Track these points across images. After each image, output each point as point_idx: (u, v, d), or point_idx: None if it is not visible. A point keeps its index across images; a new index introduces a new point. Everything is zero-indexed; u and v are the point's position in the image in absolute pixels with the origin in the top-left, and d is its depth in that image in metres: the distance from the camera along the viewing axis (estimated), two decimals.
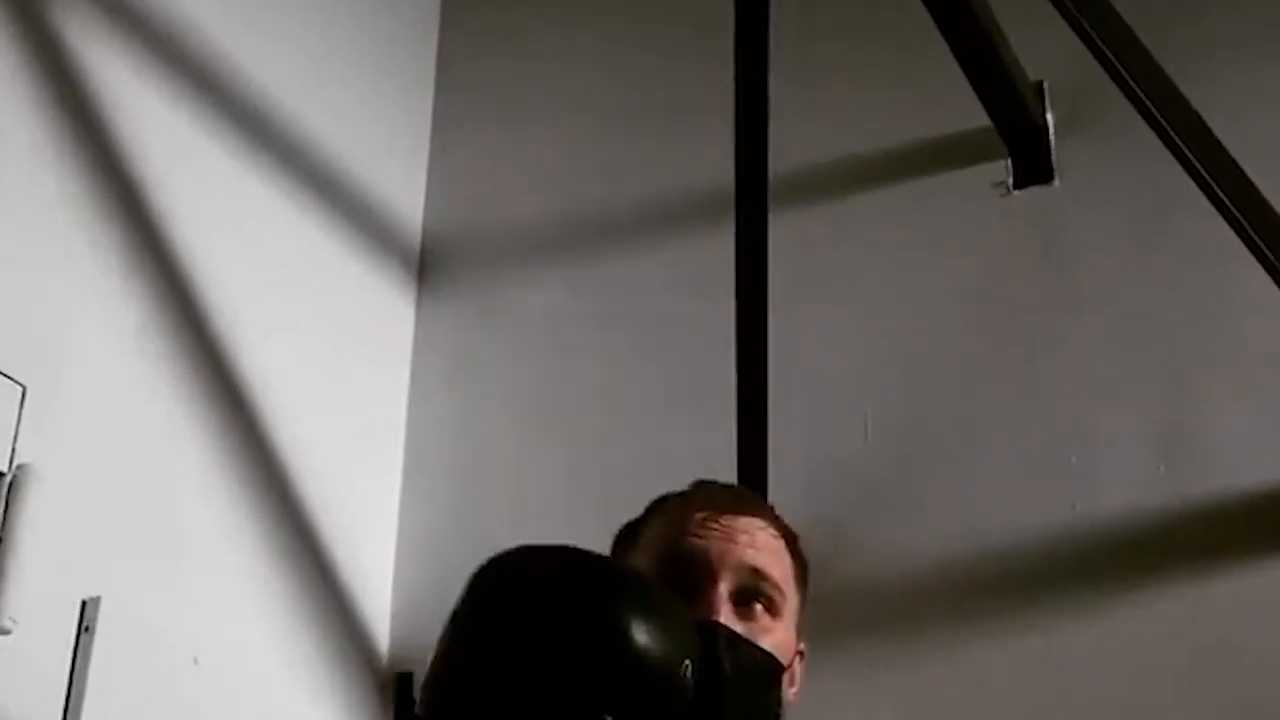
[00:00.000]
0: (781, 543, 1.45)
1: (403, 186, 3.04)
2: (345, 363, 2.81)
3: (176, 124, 2.58)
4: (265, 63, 2.79)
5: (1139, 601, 2.24)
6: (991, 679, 2.30)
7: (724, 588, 1.36)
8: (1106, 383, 2.39)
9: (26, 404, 2.15)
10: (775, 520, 1.48)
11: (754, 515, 1.44)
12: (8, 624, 2.02)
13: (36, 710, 2.09)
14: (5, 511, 2.07)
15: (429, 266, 3.02)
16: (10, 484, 2.08)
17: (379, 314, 2.92)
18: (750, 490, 1.99)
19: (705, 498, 1.46)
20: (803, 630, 1.46)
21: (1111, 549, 2.28)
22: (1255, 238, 2.07)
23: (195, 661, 2.32)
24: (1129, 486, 2.30)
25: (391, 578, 2.77)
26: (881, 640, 2.40)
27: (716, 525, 1.40)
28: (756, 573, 1.38)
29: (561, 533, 2.72)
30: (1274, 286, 2.14)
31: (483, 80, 3.16)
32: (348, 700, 2.57)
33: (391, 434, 2.87)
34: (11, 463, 2.10)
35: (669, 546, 1.40)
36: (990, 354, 2.49)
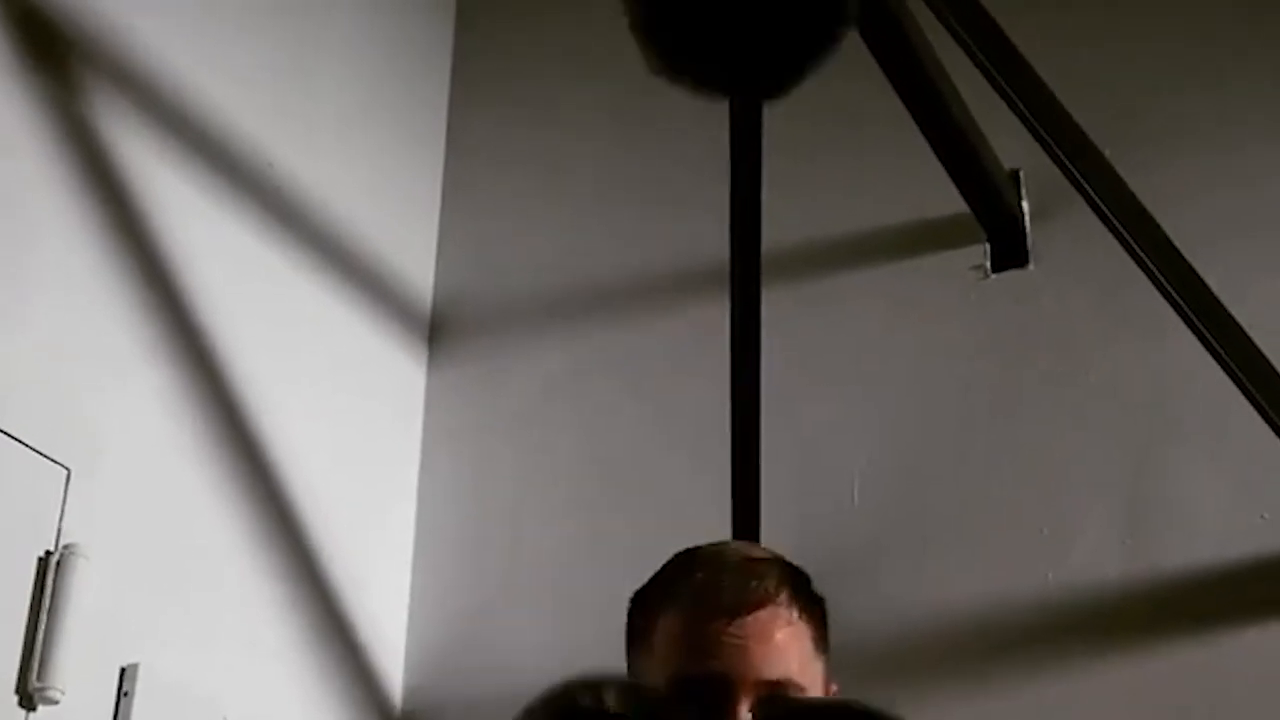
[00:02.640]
0: (797, 618, 1.44)
1: (414, 255, 3.20)
2: (360, 425, 2.96)
3: (199, 201, 2.71)
4: (282, 138, 2.93)
5: (1108, 668, 2.40)
6: None
7: (744, 710, 1.36)
8: (1077, 457, 2.55)
9: (71, 485, 2.31)
10: (788, 585, 1.46)
11: (765, 603, 1.42)
12: (56, 694, 2.18)
13: None
14: (54, 589, 2.23)
15: (439, 332, 3.18)
16: (58, 563, 2.25)
17: (391, 378, 3.07)
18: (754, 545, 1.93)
19: (714, 596, 1.42)
20: (830, 673, 1.50)
21: (1082, 617, 2.45)
22: (1198, 323, 2.24)
23: (225, 719, 2.47)
24: (1097, 557, 2.46)
25: (405, 630, 2.92)
26: (862, 695, 2.56)
27: (730, 637, 1.39)
28: (775, 685, 1.38)
29: (566, 588, 2.89)
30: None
31: (492, 150, 3.31)
32: None
33: (404, 492, 3.02)
34: (58, 543, 2.26)
35: (684, 668, 1.40)
36: (968, 425, 2.65)
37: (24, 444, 2.25)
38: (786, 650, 1.42)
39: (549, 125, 3.26)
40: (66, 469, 2.30)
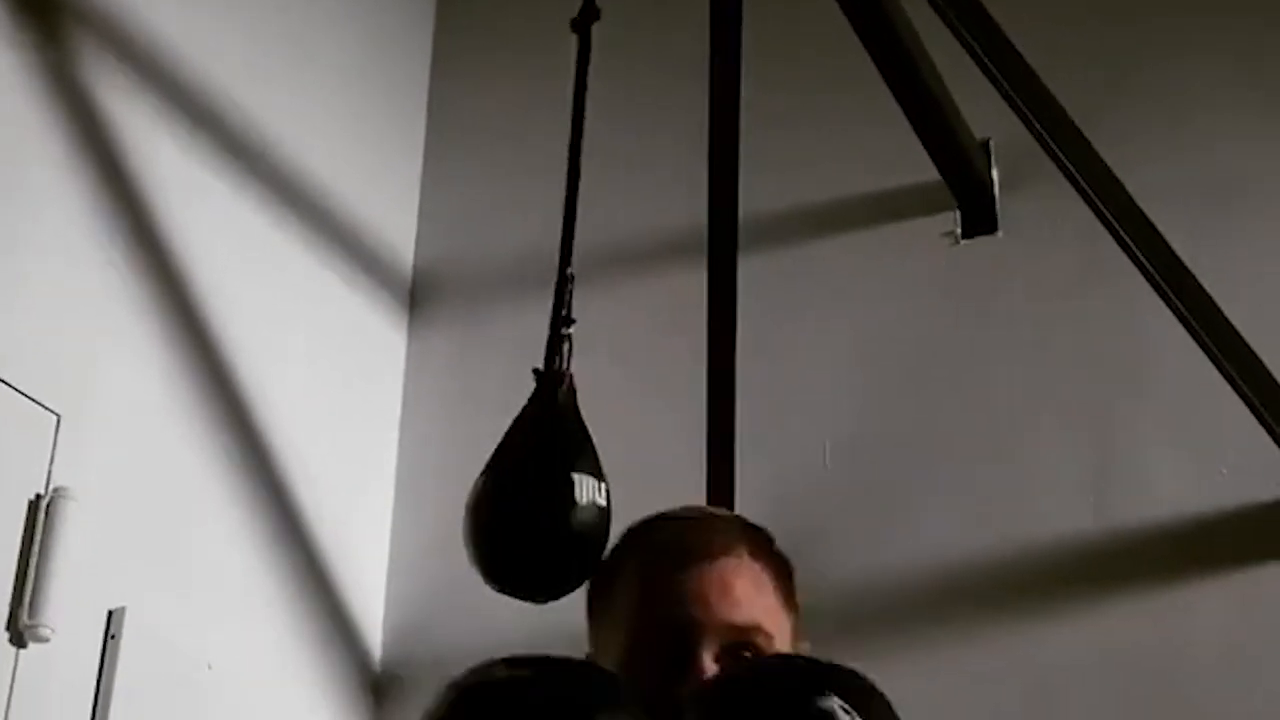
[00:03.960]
0: (760, 570, 1.39)
1: (395, 222, 3.25)
2: (342, 387, 3.01)
3: (189, 165, 2.77)
4: (268, 105, 2.98)
5: (1074, 621, 2.47)
6: (937, 690, 2.52)
7: (707, 657, 1.31)
8: (1043, 417, 2.62)
9: (61, 431, 2.35)
10: (748, 540, 1.41)
11: (726, 554, 1.37)
12: (46, 632, 2.23)
13: (68, 710, 2.30)
14: (44, 531, 2.27)
15: (420, 298, 3.23)
16: (48, 506, 2.29)
17: (372, 343, 3.12)
18: (715, 507, 1.84)
19: (674, 549, 1.38)
20: (800, 630, 1.46)
21: (1048, 572, 2.52)
22: (1165, 286, 2.31)
23: (209, 667, 2.52)
24: (1063, 514, 2.54)
25: (385, 589, 2.97)
26: (836, 653, 2.62)
27: (689, 587, 1.34)
28: (738, 630, 1.33)
29: None
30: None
31: (472, 117, 3.37)
32: (343, 701, 2.79)
33: (385, 454, 3.07)
34: (48, 486, 2.31)
35: (644, 620, 1.35)
36: (938, 388, 2.72)
37: (16, 389, 2.30)
38: (750, 600, 1.35)
39: (528, 95, 3.30)
40: (56, 415, 2.35)
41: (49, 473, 2.32)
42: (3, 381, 2.28)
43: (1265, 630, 2.36)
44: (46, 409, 2.34)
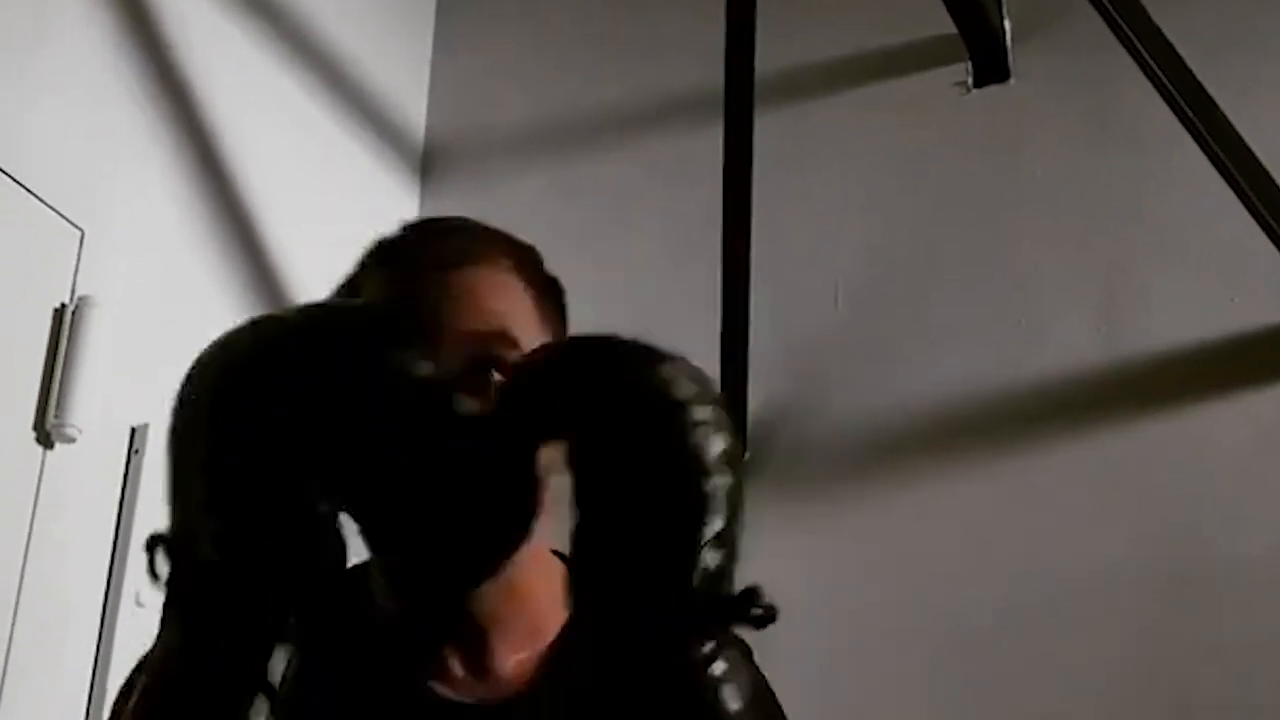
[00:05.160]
0: (521, 287, 1.20)
1: (407, 87, 3.27)
2: (353, 251, 3.02)
3: (212, 12, 2.80)
4: None
5: (1085, 449, 2.51)
6: (950, 527, 2.56)
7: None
8: (1054, 254, 2.65)
9: (85, 246, 2.37)
10: (510, 256, 1.22)
11: (481, 262, 1.19)
12: (73, 433, 2.25)
13: (92, 519, 2.32)
14: (69, 338, 2.29)
15: (431, 162, 3.25)
16: (73, 314, 2.31)
17: (384, 207, 3.14)
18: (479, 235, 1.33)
19: (425, 253, 1.21)
20: None
21: (1060, 402, 2.55)
22: (1192, 116, 2.35)
23: None
24: (1074, 345, 2.57)
25: None
26: (851, 487, 2.66)
27: (439, 289, 1.15)
28: (487, 337, 1.13)
29: None
30: (1207, 165, 2.42)
31: None
32: None
33: None
34: (73, 295, 2.33)
35: None
36: (948, 230, 2.75)
37: (44, 202, 2.32)
38: (505, 312, 1.15)
39: None
40: (80, 230, 2.37)
41: (74, 284, 2.34)
42: (32, 194, 2.30)
43: (1278, 450, 2.39)
44: (72, 224, 2.36)
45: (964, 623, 2.47)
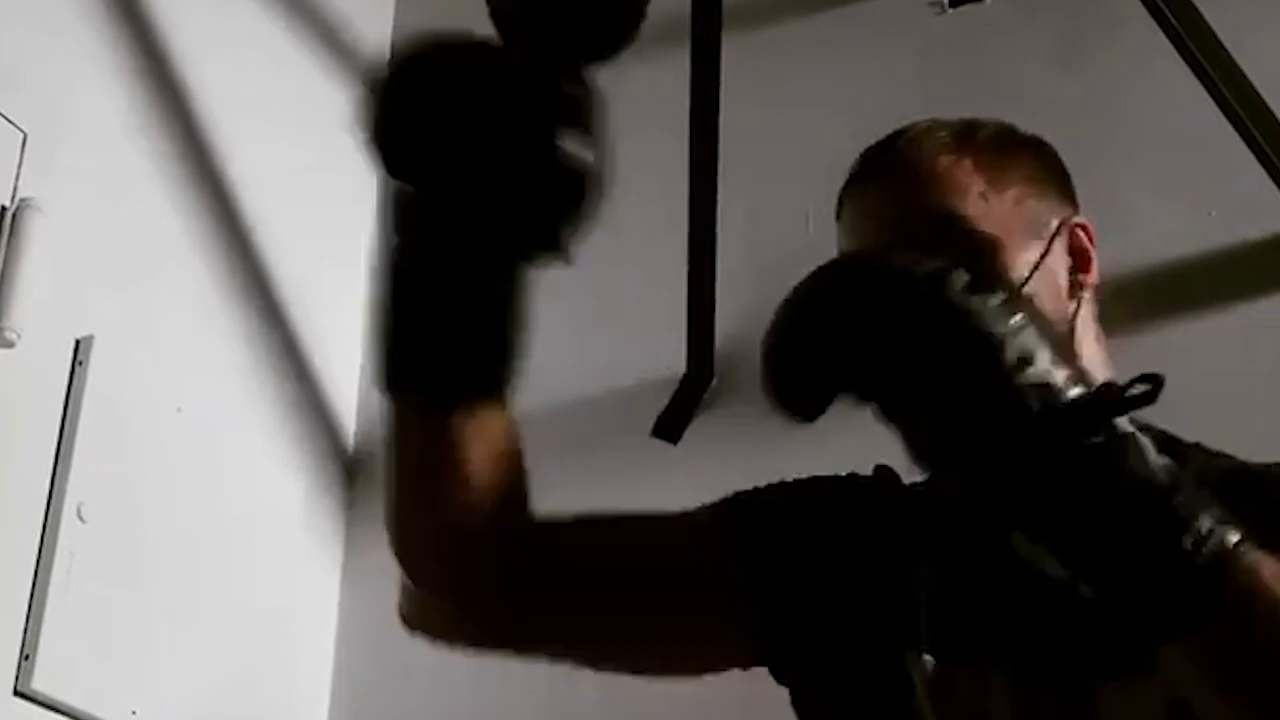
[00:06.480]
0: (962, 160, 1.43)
1: (371, 10, 3.19)
2: (314, 167, 2.94)
3: None
4: None
5: None
6: None
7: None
8: None
9: (27, 147, 2.29)
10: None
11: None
12: (12, 336, 2.17)
13: (35, 429, 2.24)
14: (9, 240, 2.22)
15: None
16: (14, 216, 2.23)
17: (338, 109, 3.05)
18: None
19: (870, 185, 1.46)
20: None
21: None
22: (1173, 23, 2.29)
23: (179, 410, 2.46)
24: None
25: (358, 375, 2.92)
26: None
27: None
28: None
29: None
30: (1187, 79, 2.36)
31: None
32: (314, 466, 2.74)
33: (361, 229, 2.99)
34: (14, 198, 2.25)
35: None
36: None
37: None
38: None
39: None
40: (23, 132, 2.29)
41: (15, 186, 2.26)
42: None
43: (1262, 363, 2.33)
44: (14, 125, 2.28)
45: None
